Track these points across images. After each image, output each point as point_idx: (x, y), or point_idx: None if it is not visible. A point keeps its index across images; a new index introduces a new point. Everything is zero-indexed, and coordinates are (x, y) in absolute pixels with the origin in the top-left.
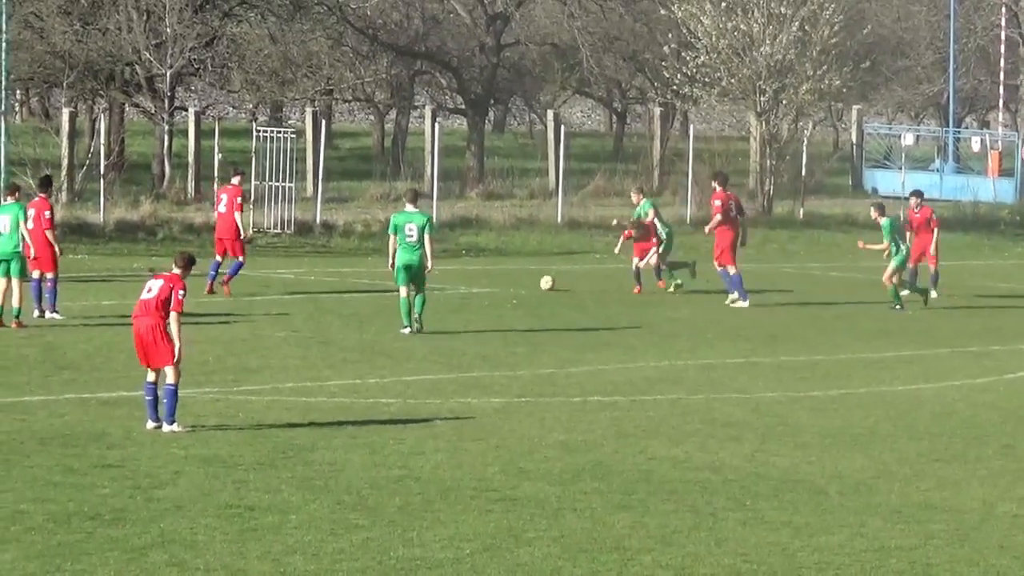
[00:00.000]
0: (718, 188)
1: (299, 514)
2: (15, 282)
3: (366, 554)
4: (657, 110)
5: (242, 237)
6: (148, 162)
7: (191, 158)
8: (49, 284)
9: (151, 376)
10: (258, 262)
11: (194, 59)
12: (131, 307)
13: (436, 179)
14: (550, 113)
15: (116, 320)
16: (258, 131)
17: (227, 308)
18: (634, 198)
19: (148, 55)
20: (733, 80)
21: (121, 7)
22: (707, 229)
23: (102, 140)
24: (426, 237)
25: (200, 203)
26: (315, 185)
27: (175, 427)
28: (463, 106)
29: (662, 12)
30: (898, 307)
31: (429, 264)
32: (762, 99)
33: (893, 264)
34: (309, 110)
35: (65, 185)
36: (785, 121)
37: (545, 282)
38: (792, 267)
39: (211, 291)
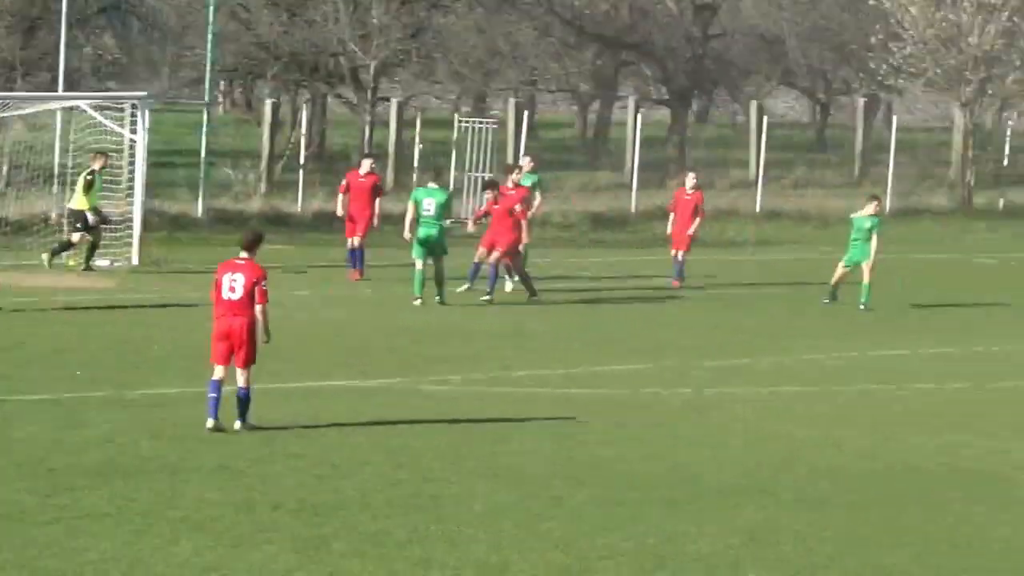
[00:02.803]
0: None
1: None
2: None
3: None
4: (861, 101)
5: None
6: (348, 153)
7: (391, 148)
8: None
9: (219, 373)
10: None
11: (399, 50)
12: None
13: (636, 170)
14: (753, 104)
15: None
16: (460, 122)
17: None
18: None
19: (353, 46)
20: (939, 70)
21: None
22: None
23: (303, 131)
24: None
25: (397, 193)
26: None
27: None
28: (667, 97)
29: (870, 2)
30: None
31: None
32: (967, 89)
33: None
34: (512, 100)
35: (264, 176)
36: (989, 112)
37: None
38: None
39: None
